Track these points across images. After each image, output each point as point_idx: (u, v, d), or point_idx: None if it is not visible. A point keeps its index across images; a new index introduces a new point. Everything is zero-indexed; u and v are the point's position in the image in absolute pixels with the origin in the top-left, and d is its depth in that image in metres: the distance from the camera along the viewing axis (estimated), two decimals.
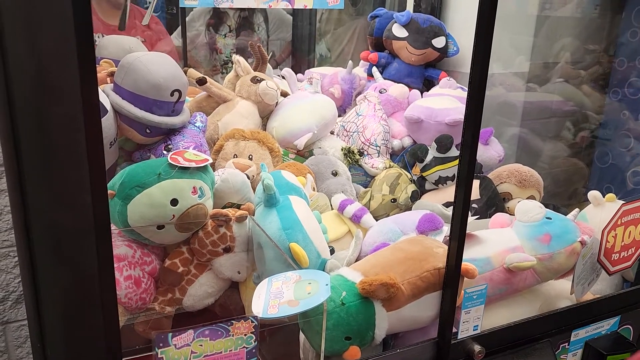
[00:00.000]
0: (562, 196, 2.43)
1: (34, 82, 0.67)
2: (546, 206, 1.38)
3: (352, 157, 1.82)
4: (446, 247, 1.18)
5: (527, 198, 1.71)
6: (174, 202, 1.26)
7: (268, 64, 1.97)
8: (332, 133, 1.97)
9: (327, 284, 1.04)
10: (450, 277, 1.10)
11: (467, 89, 2.03)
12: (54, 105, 0.68)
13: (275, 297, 1.04)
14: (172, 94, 1.48)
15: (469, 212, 1.63)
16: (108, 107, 1.43)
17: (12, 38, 0.67)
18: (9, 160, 0.71)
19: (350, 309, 1.06)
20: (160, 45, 2.64)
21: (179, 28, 3.05)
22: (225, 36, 3.06)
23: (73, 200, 0.71)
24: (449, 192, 1.71)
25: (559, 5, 2.42)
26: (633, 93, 2.47)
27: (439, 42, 2.07)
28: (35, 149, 0.70)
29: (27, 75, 0.68)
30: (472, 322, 1.16)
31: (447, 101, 1.85)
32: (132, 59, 1.45)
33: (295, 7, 1.92)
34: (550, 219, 1.30)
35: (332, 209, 1.60)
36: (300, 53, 3.24)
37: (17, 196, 0.73)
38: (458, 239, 1.07)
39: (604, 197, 1.47)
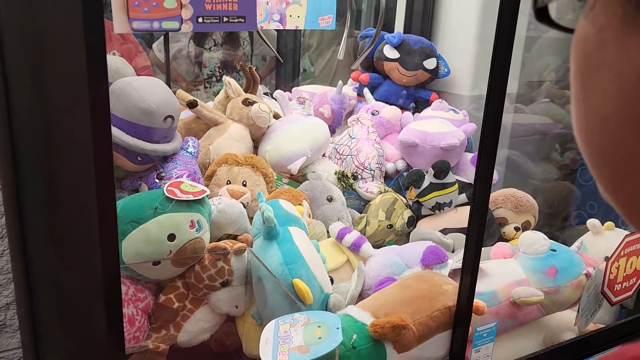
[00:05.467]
0: (550, 217, 2.44)
1: (42, 134, 0.62)
2: (541, 231, 1.37)
3: (346, 181, 1.79)
4: (455, 284, 1.16)
5: (523, 223, 1.71)
6: (171, 237, 1.20)
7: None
8: (323, 156, 1.94)
9: (337, 328, 1.00)
10: (462, 316, 1.07)
11: (459, 111, 2.03)
12: (63, 158, 0.62)
13: (284, 342, 0.99)
14: (164, 120, 1.43)
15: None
16: None
17: (19, 89, 0.62)
18: (11, 218, 0.66)
19: (362, 353, 1.02)
20: (139, 61, 2.58)
21: (161, 39, 2.98)
22: (210, 50, 3.00)
23: (80, 260, 0.66)
24: (445, 218, 1.70)
25: (544, 26, 2.44)
26: None
27: (430, 63, 2.06)
28: (41, 205, 0.65)
29: (34, 127, 0.62)
30: None
31: (441, 124, 1.84)
32: (123, 84, 1.39)
33: (287, 28, 1.88)
34: (555, 251, 1.28)
35: (329, 236, 1.56)
36: (284, 68, 3.20)
37: (19, 257, 0.67)
38: (471, 273, 1.05)
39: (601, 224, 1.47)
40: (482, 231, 1.02)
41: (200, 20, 0.64)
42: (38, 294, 0.66)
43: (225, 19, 0.64)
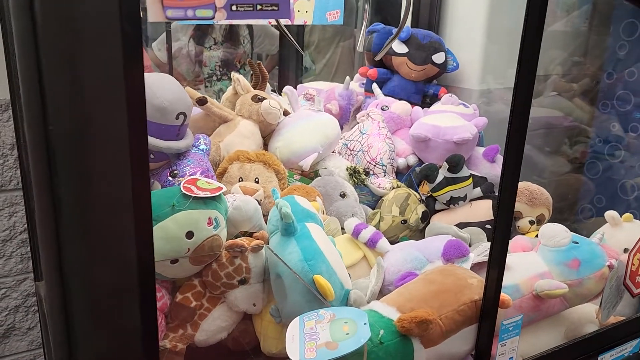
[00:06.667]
0: (559, 211, 2.43)
1: (76, 124, 0.60)
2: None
3: (358, 177, 1.77)
4: (479, 277, 1.15)
5: (537, 217, 1.70)
6: (190, 234, 1.18)
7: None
8: (333, 152, 1.92)
9: (365, 323, 0.98)
10: (489, 309, 1.06)
11: (468, 105, 2.02)
12: (97, 148, 0.60)
13: (310, 339, 0.98)
14: (177, 117, 1.41)
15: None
16: None
17: (53, 78, 0.60)
18: (44, 210, 0.64)
19: (389, 348, 1.01)
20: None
21: (161, 37, 2.96)
22: (210, 48, 2.98)
23: (114, 254, 0.65)
24: (459, 213, 1.68)
25: (550, 19, 2.44)
26: (622, 105, 2.50)
27: (438, 57, 2.05)
28: (73, 197, 0.63)
29: (68, 117, 0.61)
30: (508, 354, 1.12)
31: (452, 119, 1.82)
32: None
33: (295, 24, 1.86)
34: (577, 243, 1.27)
35: (342, 232, 1.55)
36: (286, 66, 3.18)
37: (52, 252, 0.65)
38: (498, 267, 1.03)
39: (620, 216, 1.46)
40: (509, 224, 1.01)
41: (234, 8, 0.62)
42: (70, 290, 0.64)
43: (259, 7, 0.62)
